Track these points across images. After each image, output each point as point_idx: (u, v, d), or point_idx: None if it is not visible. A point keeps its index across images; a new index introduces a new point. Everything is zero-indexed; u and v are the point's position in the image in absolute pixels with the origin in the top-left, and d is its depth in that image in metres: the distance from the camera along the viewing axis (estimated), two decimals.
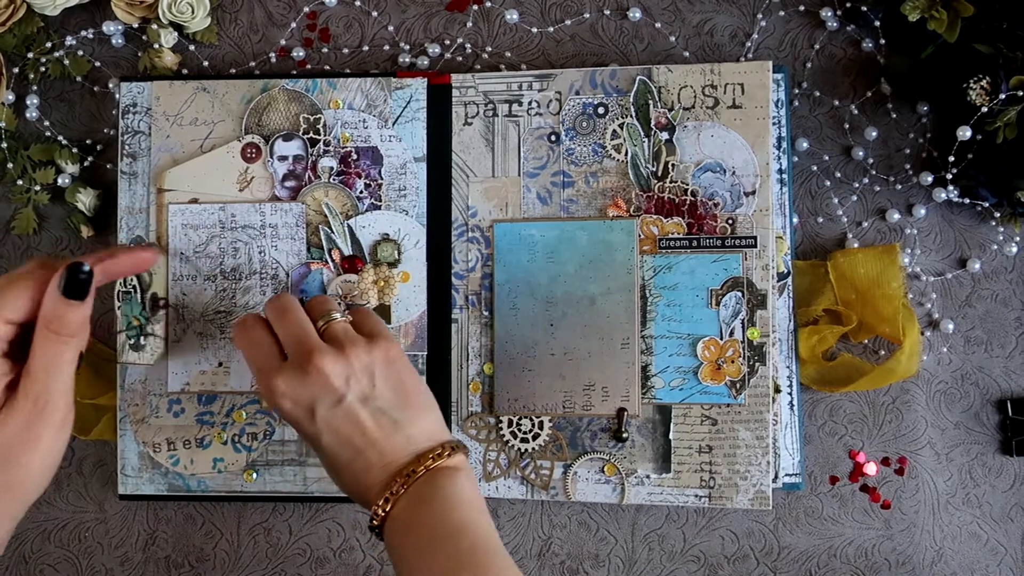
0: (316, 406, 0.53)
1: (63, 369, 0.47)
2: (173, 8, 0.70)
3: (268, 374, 0.54)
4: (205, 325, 0.68)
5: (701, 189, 0.66)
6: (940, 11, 0.64)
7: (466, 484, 0.53)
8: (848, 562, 0.68)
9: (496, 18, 0.71)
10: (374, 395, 0.54)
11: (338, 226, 0.68)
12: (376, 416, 0.54)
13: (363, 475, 0.54)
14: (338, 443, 0.54)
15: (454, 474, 0.53)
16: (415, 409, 0.55)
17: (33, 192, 0.71)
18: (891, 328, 0.66)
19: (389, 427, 0.54)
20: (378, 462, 0.53)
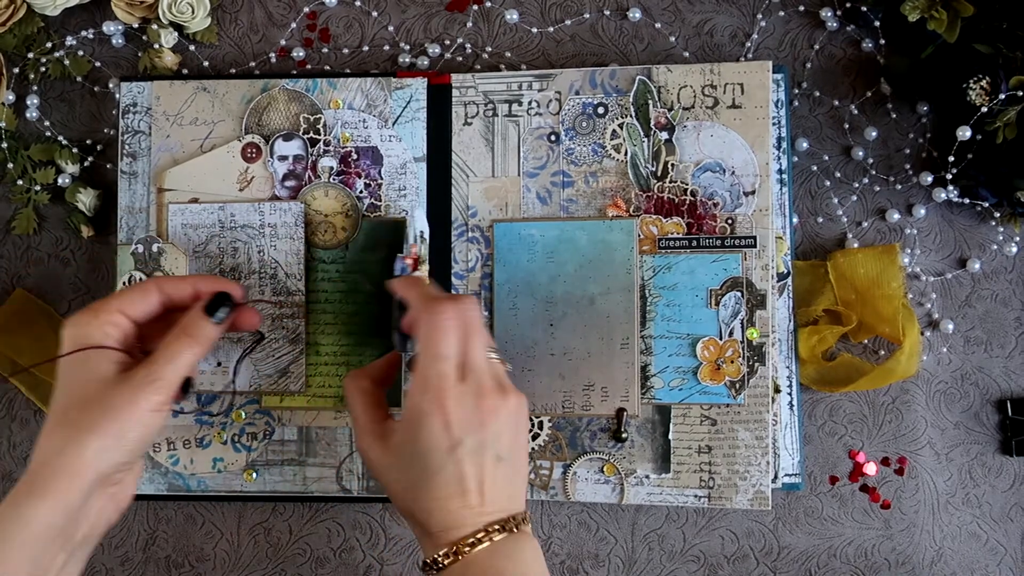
0: (465, 440, 0.52)
1: (180, 365, 0.54)
2: (173, 8, 0.70)
3: (445, 390, 0.52)
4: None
5: (701, 189, 0.66)
6: (940, 11, 0.64)
7: (539, 552, 0.54)
8: (848, 562, 0.68)
9: (496, 18, 0.71)
10: (506, 450, 0.54)
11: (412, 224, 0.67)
12: (498, 468, 0.54)
13: (455, 513, 0.52)
14: (454, 479, 0.52)
15: (531, 540, 0.54)
16: (523, 472, 0.56)
17: (33, 192, 0.71)
18: (891, 328, 0.66)
19: (503, 481, 0.54)
20: (476, 507, 0.53)
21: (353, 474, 0.67)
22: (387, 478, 0.54)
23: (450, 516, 0.52)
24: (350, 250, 0.68)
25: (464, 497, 0.52)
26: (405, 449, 0.53)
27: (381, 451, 0.54)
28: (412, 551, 0.70)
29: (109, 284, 0.71)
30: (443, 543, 0.52)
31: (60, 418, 0.52)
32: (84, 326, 0.54)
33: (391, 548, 0.70)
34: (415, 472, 0.53)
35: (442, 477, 0.52)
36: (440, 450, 0.52)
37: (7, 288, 0.72)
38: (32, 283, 0.72)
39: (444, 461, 0.52)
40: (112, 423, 0.51)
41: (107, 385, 0.52)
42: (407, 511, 0.54)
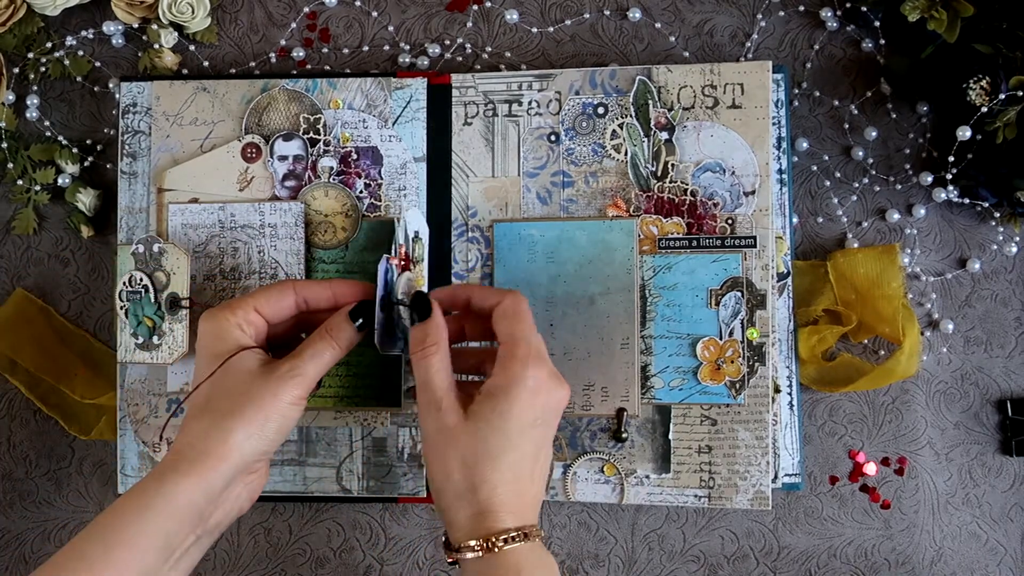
0: (542, 417, 0.54)
1: (320, 362, 0.56)
2: (173, 8, 0.70)
3: (538, 359, 0.54)
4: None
5: (701, 189, 0.66)
6: (940, 11, 0.64)
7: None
8: (848, 562, 0.68)
9: (496, 18, 0.71)
10: (555, 430, 0.57)
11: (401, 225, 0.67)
12: (551, 453, 0.57)
13: (515, 497, 0.53)
14: (530, 458, 0.54)
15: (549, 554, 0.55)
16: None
17: (33, 192, 0.71)
18: (891, 328, 0.66)
19: (546, 470, 0.56)
20: (529, 496, 0.54)
21: (353, 474, 0.67)
22: (453, 449, 0.53)
23: (512, 498, 0.53)
24: (350, 250, 0.68)
25: (529, 480, 0.54)
26: (490, 417, 0.53)
27: (458, 417, 0.54)
28: (412, 551, 0.70)
29: (109, 284, 0.71)
30: (480, 530, 0.52)
31: (205, 406, 0.55)
32: (223, 321, 0.56)
33: (391, 548, 0.70)
34: (493, 442, 0.53)
35: (519, 452, 0.53)
36: (525, 422, 0.53)
37: (7, 288, 0.72)
38: (32, 283, 0.72)
39: (524, 435, 0.53)
40: (257, 412, 0.54)
41: (252, 377, 0.55)
42: (464, 488, 0.53)
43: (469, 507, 0.53)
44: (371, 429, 0.68)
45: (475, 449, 0.53)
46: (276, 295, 0.58)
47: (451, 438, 0.53)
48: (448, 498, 0.54)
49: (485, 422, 0.53)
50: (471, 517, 0.53)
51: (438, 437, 0.54)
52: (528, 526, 0.53)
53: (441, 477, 0.54)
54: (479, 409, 0.53)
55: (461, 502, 0.53)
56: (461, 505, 0.53)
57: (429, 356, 0.55)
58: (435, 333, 0.56)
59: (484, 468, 0.53)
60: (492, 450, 0.53)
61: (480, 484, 0.53)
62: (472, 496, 0.53)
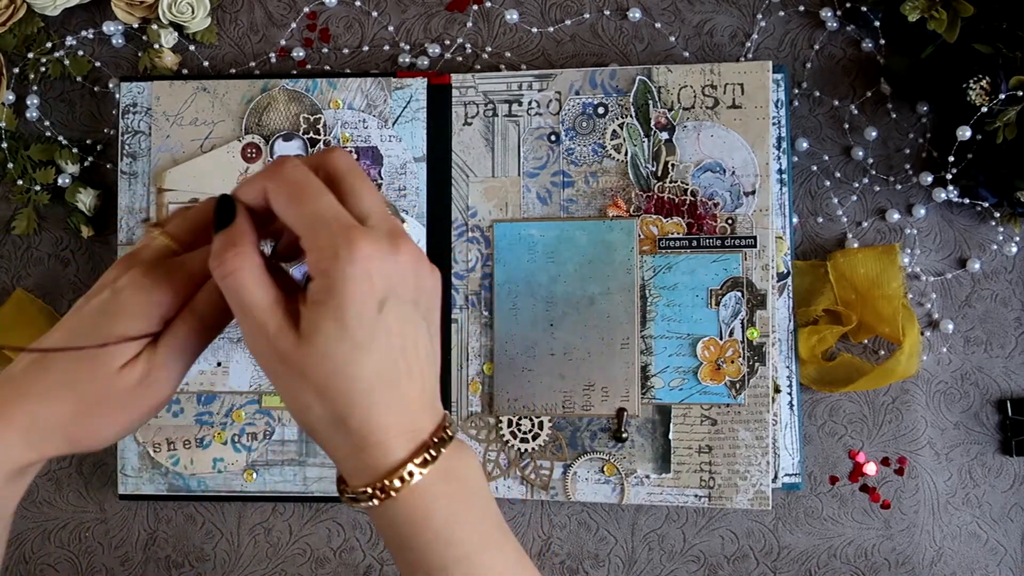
0: (390, 296, 0.42)
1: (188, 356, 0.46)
2: (173, 8, 0.70)
3: (349, 230, 0.41)
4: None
5: (701, 189, 0.66)
6: (940, 11, 0.64)
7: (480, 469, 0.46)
8: (848, 562, 0.68)
9: (496, 18, 0.71)
10: (431, 316, 0.45)
11: None
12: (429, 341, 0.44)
13: (393, 414, 0.43)
14: (395, 351, 0.42)
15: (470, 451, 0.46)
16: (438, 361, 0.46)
17: (33, 192, 0.71)
18: (891, 328, 0.66)
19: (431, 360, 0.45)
20: (417, 399, 0.43)
21: None
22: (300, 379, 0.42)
23: (394, 412, 0.42)
24: None
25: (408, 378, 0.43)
26: (323, 326, 0.41)
27: (293, 338, 0.42)
28: None
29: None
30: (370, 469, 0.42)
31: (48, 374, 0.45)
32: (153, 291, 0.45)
33: None
34: (341, 356, 0.41)
35: (378, 352, 0.42)
36: (368, 314, 0.41)
37: (7, 288, 0.72)
38: (32, 283, 0.72)
39: (376, 329, 0.41)
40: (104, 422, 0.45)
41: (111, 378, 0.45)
42: (330, 420, 0.42)
43: (347, 440, 0.43)
44: None
45: (324, 370, 0.41)
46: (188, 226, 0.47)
47: (293, 366, 0.42)
48: (321, 434, 0.43)
49: (322, 335, 0.41)
50: (353, 452, 0.43)
51: (279, 368, 0.42)
52: (428, 440, 0.43)
53: (301, 413, 0.43)
54: (309, 322, 0.41)
55: (336, 436, 0.43)
56: (338, 440, 0.43)
57: (233, 270, 0.42)
58: (238, 237, 0.43)
59: (342, 389, 0.42)
60: (342, 366, 0.41)
61: (347, 410, 0.42)
62: (345, 427, 0.42)
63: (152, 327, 0.45)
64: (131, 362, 0.45)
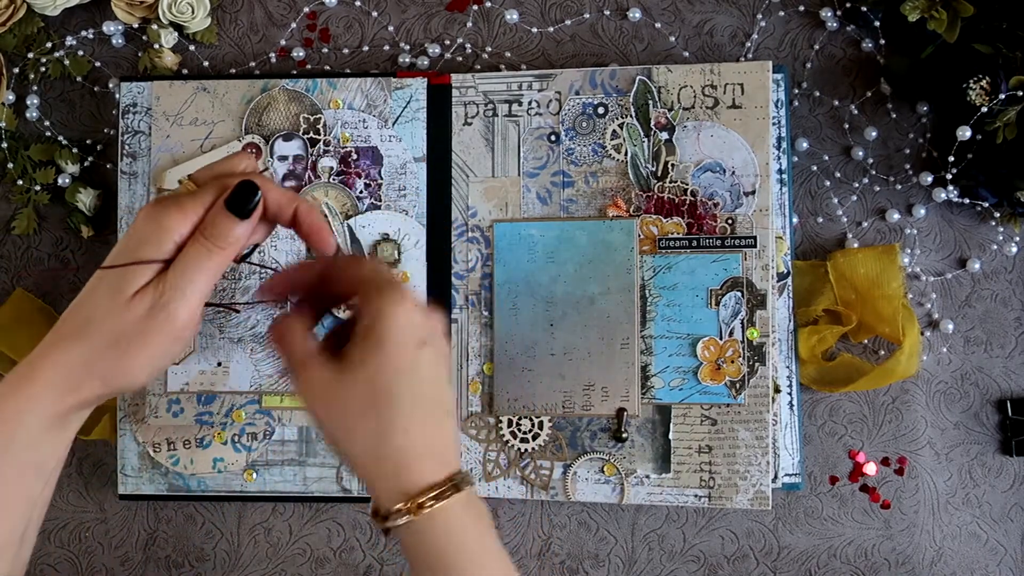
0: (428, 341, 0.48)
1: (198, 276, 0.47)
2: (173, 8, 0.70)
3: (398, 284, 0.48)
4: (204, 325, 0.68)
5: (701, 189, 0.66)
6: (940, 11, 0.64)
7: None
8: (848, 562, 0.68)
9: (496, 18, 0.71)
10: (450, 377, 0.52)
11: (338, 226, 0.68)
12: (453, 395, 0.52)
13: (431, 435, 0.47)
14: (431, 385, 0.48)
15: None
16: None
17: (33, 192, 0.71)
18: (891, 328, 0.66)
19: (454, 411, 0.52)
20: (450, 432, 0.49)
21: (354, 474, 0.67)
22: (343, 402, 0.47)
23: (431, 436, 0.47)
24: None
25: (443, 410, 0.48)
26: (371, 355, 0.46)
27: (336, 368, 0.47)
28: None
29: None
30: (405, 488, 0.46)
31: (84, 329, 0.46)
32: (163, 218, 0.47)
33: (391, 548, 0.70)
34: (384, 378, 0.46)
35: (417, 376, 0.47)
36: (410, 344, 0.47)
37: (7, 288, 0.72)
38: (32, 283, 0.72)
39: (417, 359, 0.47)
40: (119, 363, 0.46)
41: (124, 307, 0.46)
42: (374, 441, 0.47)
43: (387, 462, 0.47)
44: None
45: (369, 391, 0.46)
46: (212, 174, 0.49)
47: (339, 392, 0.47)
48: (362, 459, 0.47)
49: (368, 361, 0.46)
50: (393, 472, 0.47)
51: (328, 397, 0.47)
52: (455, 473, 0.47)
53: (347, 438, 0.47)
54: (356, 352, 0.47)
55: (377, 458, 0.47)
56: (378, 463, 0.47)
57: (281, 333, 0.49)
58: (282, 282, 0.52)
59: (384, 407, 0.46)
60: (385, 386, 0.46)
61: (388, 428, 0.46)
62: (386, 447, 0.47)
63: (163, 253, 0.46)
64: (143, 290, 0.46)
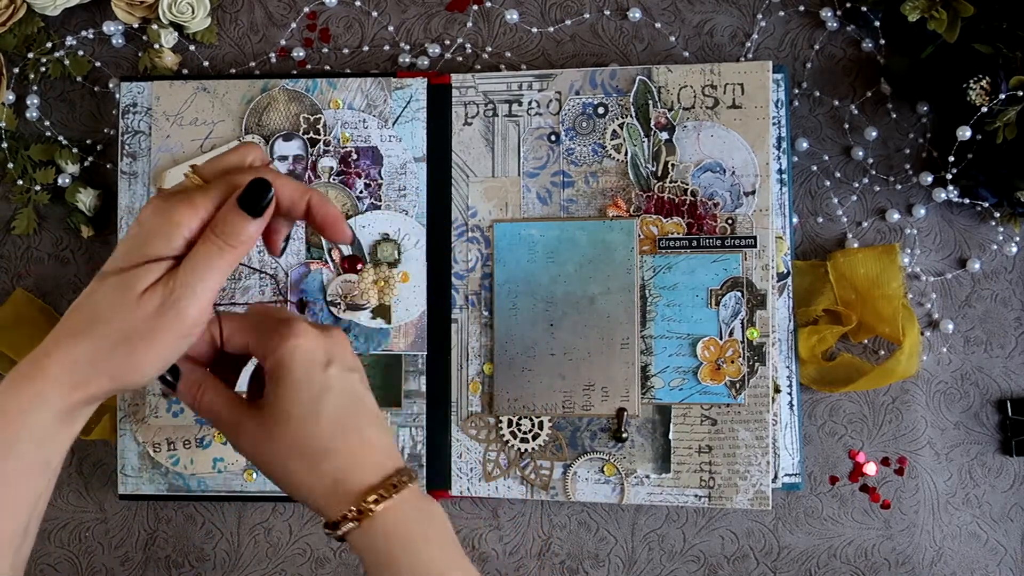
0: (333, 360, 0.49)
1: (208, 274, 0.46)
2: (173, 8, 0.70)
3: (288, 318, 0.50)
4: None
5: (701, 189, 0.66)
6: (940, 11, 0.64)
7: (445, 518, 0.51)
8: (848, 562, 0.68)
9: (496, 18, 0.71)
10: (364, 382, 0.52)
11: None
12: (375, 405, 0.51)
13: (360, 454, 0.49)
14: (348, 401, 0.49)
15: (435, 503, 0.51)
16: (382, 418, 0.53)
17: (33, 192, 0.71)
18: (891, 328, 0.66)
19: (383, 419, 0.52)
20: (380, 441, 0.50)
21: None
22: (271, 442, 0.48)
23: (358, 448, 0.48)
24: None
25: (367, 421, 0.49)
26: (280, 392, 0.48)
27: (255, 416, 0.49)
28: None
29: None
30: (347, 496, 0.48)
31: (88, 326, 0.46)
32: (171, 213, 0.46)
33: None
34: (300, 409, 0.48)
35: (331, 399, 0.48)
36: (315, 372, 0.48)
37: (7, 288, 0.72)
38: (32, 283, 0.72)
39: (324, 382, 0.48)
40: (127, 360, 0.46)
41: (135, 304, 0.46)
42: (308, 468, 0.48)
43: (324, 479, 0.48)
44: None
45: (291, 427, 0.48)
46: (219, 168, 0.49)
47: (265, 436, 0.48)
48: (304, 488, 0.49)
49: (281, 398, 0.48)
50: (332, 487, 0.48)
51: (255, 443, 0.49)
52: (392, 473, 0.49)
53: (288, 477, 0.49)
54: (268, 394, 0.49)
55: (315, 480, 0.48)
56: (315, 482, 0.48)
57: (200, 399, 0.50)
58: (192, 381, 0.50)
59: (309, 437, 0.48)
60: (305, 417, 0.48)
61: (316, 457, 0.48)
62: (320, 470, 0.48)
63: (173, 249, 0.46)
64: (152, 287, 0.45)
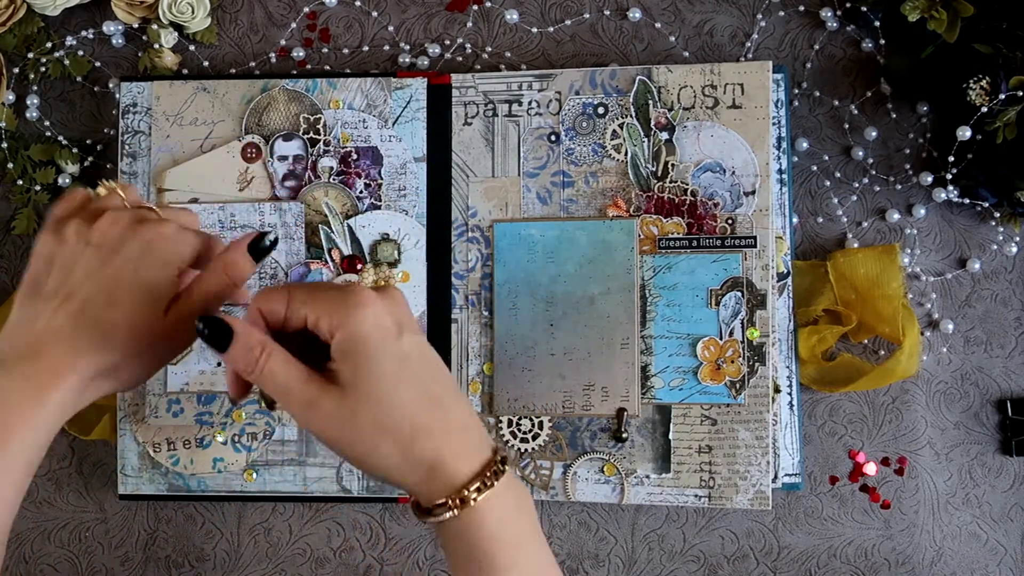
0: (403, 327, 0.46)
1: (214, 305, 0.50)
2: (173, 8, 0.70)
3: (346, 287, 0.47)
4: None
5: (701, 189, 0.66)
6: (940, 11, 0.64)
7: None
8: (848, 562, 0.68)
9: (496, 18, 0.71)
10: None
11: (338, 226, 0.68)
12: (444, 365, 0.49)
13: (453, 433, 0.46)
14: (428, 374, 0.47)
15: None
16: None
17: (33, 192, 0.71)
18: (891, 328, 0.66)
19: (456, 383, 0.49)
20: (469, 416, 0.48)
21: (353, 474, 0.67)
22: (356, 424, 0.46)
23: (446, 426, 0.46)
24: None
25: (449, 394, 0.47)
26: (360, 367, 0.45)
27: (336, 395, 0.46)
28: (412, 551, 0.70)
29: None
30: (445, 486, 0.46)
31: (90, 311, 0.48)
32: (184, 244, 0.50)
33: (391, 548, 0.70)
34: (384, 385, 0.45)
35: (411, 369, 0.46)
36: (390, 340, 0.46)
37: (7, 288, 0.72)
38: None
39: (402, 355, 0.46)
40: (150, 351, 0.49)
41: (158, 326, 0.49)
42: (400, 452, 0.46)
43: (419, 467, 0.46)
44: None
45: (374, 408, 0.45)
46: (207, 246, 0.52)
47: (346, 417, 0.46)
48: (394, 471, 0.47)
49: (360, 377, 0.45)
50: (428, 476, 0.46)
51: (335, 426, 0.46)
52: (492, 455, 0.47)
53: (371, 457, 0.46)
54: (344, 373, 0.46)
55: (408, 466, 0.46)
56: (411, 470, 0.46)
57: (263, 367, 0.46)
58: (254, 342, 0.46)
59: (397, 418, 0.45)
60: (388, 396, 0.45)
61: (410, 436, 0.46)
62: (413, 455, 0.46)
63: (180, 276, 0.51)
64: (173, 306, 0.50)
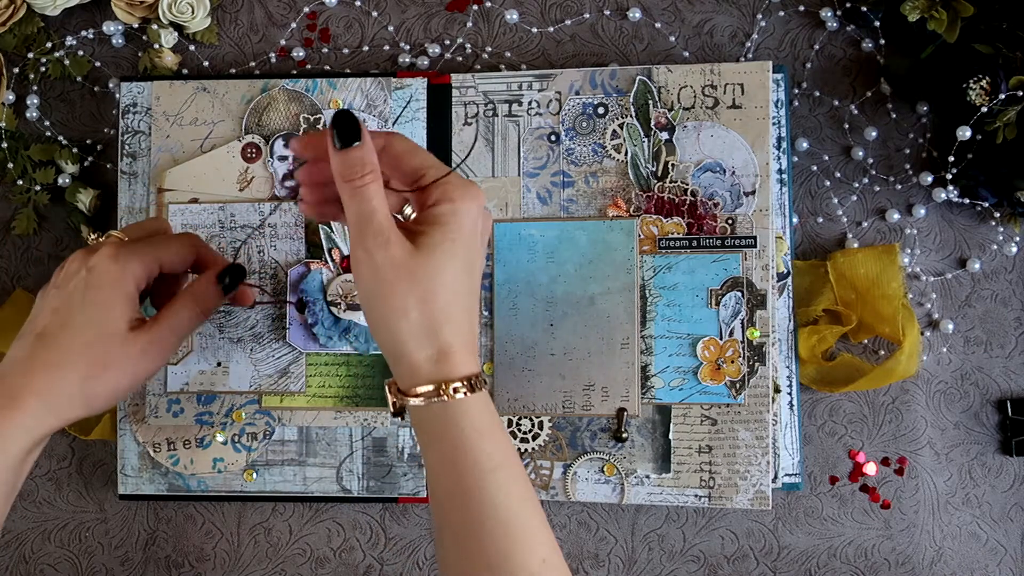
0: (486, 233, 0.52)
1: (186, 332, 0.56)
2: (173, 8, 0.70)
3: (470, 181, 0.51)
4: (204, 325, 0.68)
5: (701, 189, 0.66)
6: (940, 11, 0.64)
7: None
8: (848, 562, 0.68)
9: (496, 18, 0.71)
10: None
11: (338, 225, 0.68)
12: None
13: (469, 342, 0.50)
14: (475, 281, 0.51)
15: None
16: None
17: (33, 192, 0.71)
18: (891, 328, 0.66)
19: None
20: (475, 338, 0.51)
21: (353, 474, 0.67)
22: (409, 284, 0.48)
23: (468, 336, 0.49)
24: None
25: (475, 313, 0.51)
26: (444, 245, 0.48)
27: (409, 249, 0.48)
28: (412, 551, 0.70)
29: None
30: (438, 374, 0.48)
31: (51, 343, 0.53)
32: (128, 275, 0.54)
33: (391, 548, 0.70)
34: (451, 274, 0.48)
35: (471, 282, 0.50)
36: (474, 249, 0.50)
37: (7, 288, 0.72)
38: (32, 283, 0.72)
39: (474, 264, 0.50)
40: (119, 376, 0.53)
41: (120, 341, 0.53)
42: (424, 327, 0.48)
43: (430, 347, 0.48)
44: (371, 429, 0.68)
45: (435, 280, 0.48)
46: (178, 250, 0.57)
47: (407, 272, 0.48)
48: (404, 338, 0.48)
49: (440, 249, 0.48)
50: (431, 359, 0.48)
51: (389, 272, 0.48)
52: (475, 375, 0.49)
53: (396, 316, 0.48)
54: (429, 237, 0.48)
55: (419, 342, 0.48)
56: (420, 345, 0.48)
57: (368, 184, 0.48)
58: (370, 159, 0.48)
59: (445, 302, 0.48)
60: (451, 282, 0.48)
61: (444, 321, 0.48)
62: (434, 335, 0.48)
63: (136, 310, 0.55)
64: (139, 327, 0.54)
